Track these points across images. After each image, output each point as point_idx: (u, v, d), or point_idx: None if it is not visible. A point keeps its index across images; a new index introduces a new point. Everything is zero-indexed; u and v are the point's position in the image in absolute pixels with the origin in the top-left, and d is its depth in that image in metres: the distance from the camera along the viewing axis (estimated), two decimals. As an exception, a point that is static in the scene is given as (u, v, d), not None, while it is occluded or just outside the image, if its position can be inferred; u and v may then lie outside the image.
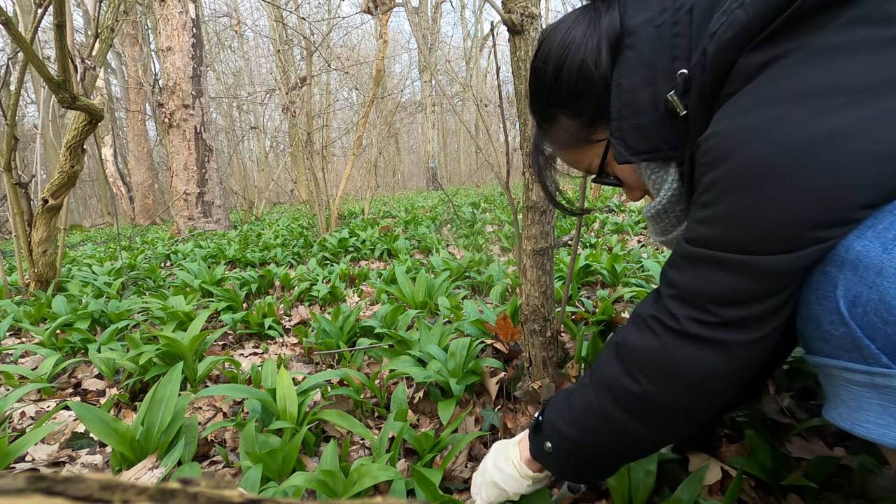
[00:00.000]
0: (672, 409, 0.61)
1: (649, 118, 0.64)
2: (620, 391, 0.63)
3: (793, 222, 0.48)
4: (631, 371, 0.62)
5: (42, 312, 2.36)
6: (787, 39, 0.50)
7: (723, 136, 0.52)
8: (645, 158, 0.67)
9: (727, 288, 0.53)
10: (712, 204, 0.53)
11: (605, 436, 0.66)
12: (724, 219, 0.52)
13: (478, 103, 2.76)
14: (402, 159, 24.49)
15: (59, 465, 1.21)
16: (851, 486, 0.79)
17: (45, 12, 2.26)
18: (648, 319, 0.61)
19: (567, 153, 0.78)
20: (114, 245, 6.29)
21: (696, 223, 0.56)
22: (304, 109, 5.49)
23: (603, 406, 0.64)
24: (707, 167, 0.54)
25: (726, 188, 0.52)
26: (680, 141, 0.64)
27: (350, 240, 4.11)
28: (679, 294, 0.57)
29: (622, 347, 0.64)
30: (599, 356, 0.70)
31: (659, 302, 0.61)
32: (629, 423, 0.63)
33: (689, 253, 0.56)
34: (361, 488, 0.88)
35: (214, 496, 0.18)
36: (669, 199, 0.70)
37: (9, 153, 2.77)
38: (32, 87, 13.85)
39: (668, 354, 0.58)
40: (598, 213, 4.57)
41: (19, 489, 0.17)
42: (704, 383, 0.58)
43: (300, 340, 1.89)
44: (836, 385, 0.53)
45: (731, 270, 0.52)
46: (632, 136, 0.66)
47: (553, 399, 0.75)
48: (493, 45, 2.20)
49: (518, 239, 1.22)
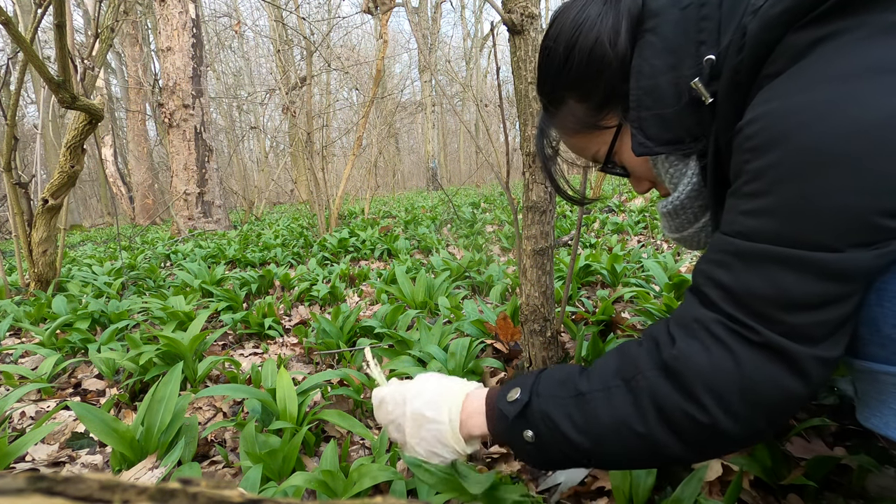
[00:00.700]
0: (735, 436, 0.51)
1: (672, 108, 0.60)
2: (678, 415, 0.51)
3: (868, 211, 0.43)
4: (693, 394, 0.50)
5: (42, 312, 2.36)
6: (844, 17, 0.46)
7: (773, 117, 0.47)
8: (666, 151, 0.63)
9: (799, 290, 0.46)
10: (766, 193, 0.47)
11: (632, 453, 0.56)
12: (785, 209, 0.46)
13: (478, 103, 2.76)
14: (402, 159, 24.49)
15: (59, 465, 1.21)
16: (851, 486, 0.79)
17: (45, 12, 2.26)
18: (713, 325, 0.51)
19: (573, 139, 0.74)
20: (114, 245, 6.29)
21: (746, 216, 0.49)
22: (304, 109, 5.49)
23: (648, 428, 0.53)
24: (754, 153, 0.48)
25: (784, 175, 0.46)
26: (703, 132, 0.60)
27: (350, 240, 4.11)
28: (741, 299, 0.49)
29: (677, 361, 0.52)
30: (631, 356, 0.57)
31: (715, 306, 0.51)
32: (675, 447, 0.53)
33: (744, 250, 0.49)
34: (361, 488, 0.88)
35: (214, 496, 0.18)
36: (688, 194, 0.67)
37: (9, 153, 2.77)
38: (32, 87, 13.86)
39: (748, 375, 0.48)
40: (598, 214, 4.58)
41: (19, 489, 0.17)
42: (782, 408, 0.49)
43: (300, 340, 1.89)
44: (885, 392, 0.49)
45: (803, 269, 0.46)
46: (652, 127, 0.62)
47: (547, 383, 0.62)
48: (493, 45, 2.20)
49: (518, 239, 1.22)
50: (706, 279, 0.53)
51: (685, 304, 0.56)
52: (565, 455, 0.60)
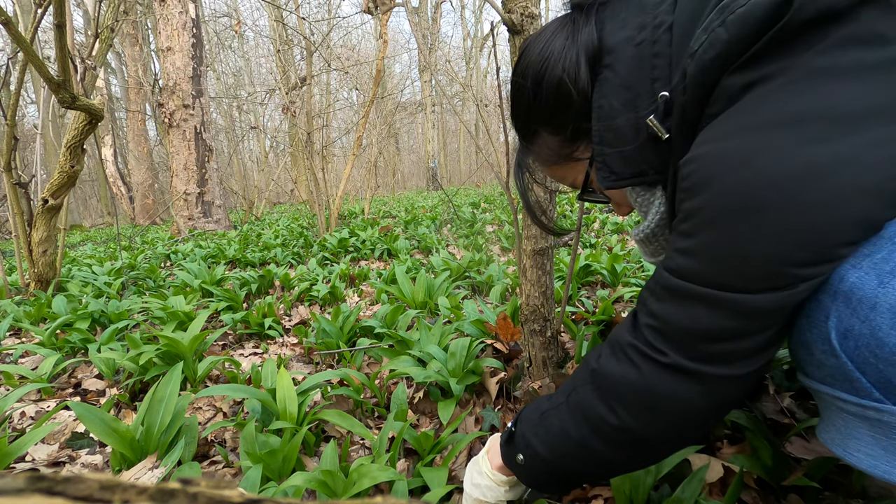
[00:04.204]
0: (650, 440, 0.59)
1: (632, 144, 0.61)
2: (597, 420, 0.60)
3: (777, 260, 0.46)
4: (608, 401, 0.59)
5: (42, 312, 2.36)
6: (771, 60, 0.47)
7: (703, 161, 0.49)
8: (630, 183, 0.65)
9: (712, 325, 0.50)
10: (693, 234, 0.51)
11: (580, 461, 0.64)
12: (705, 252, 0.50)
13: (478, 103, 2.75)
14: (402, 159, 24.48)
15: (59, 465, 1.21)
16: (851, 486, 0.79)
17: (45, 12, 2.26)
18: (627, 348, 0.58)
19: (551, 169, 0.76)
20: (114, 245, 6.29)
21: (677, 253, 0.53)
22: (304, 109, 5.49)
23: (580, 433, 0.62)
24: (687, 193, 0.51)
25: (707, 219, 0.49)
26: (664, 164, 0.62)
27: (350, 240, 4.11)
28: (659, 326, 0.55)
29: (599, 375, 0.61)
30: (576, 375, 0.67)
31: (637, 330, 0.58)
32: (605, 451, 0.61)
33: (670, 285, 0.53)
34: (361, 488, 0.88)
35: (214, 496, 0.18)
36: (657, 222, 0.68)
37: (9, 153, 2.77)
38: (32, 87, 13.85)
39: (649, 387, 0.55)
40: (598, 214, 4.57)
41: (19, 489, 0.17)
42: (686, 417, 0.56)
43: (300, 340, 1.89)
44: (829, 410, 0.51)
45: (716, 307, 0.50)
46: (615, 162, 0.63)
47: (526, 411, 0.72)
48: (493, 45, 2.20)
49: (518, 239, 1.22)
50: (641, 304, 0.59)
51: (621, 324, 0.63)
52: (546, 471, 0.68)
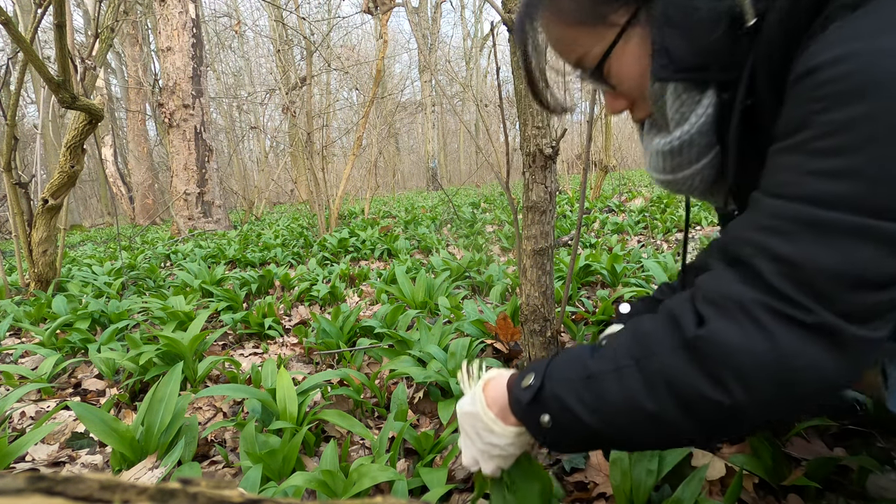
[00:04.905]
0: (756, 419, 0.47)
1: (706, 26, 0.50)
2: (691, 395, 0.47)
3: None
4: (717, 374, 0.46)
5: (42, 312, 2.36)
6: None
7: (866, 60, 0.39)
8: (686, 77, 0.54)
9: (874, 267, 0.40)
10: (848, 151, 0.40)
11: (645, 435, 0.53)
12: (871, 172, 0.39)
13: (478, 103, 2.76)
14: (402, 159, 24.48)
15: (59, 465, 1.21)
16: (852, 487, 0.79)
17: (45, 12, 2.26)
18: (754, 307, 0.44)
19: (566, 30, 0.60)
20: (114, 245, 6.29)
21: (816, 177, 0.42)
22: (304, 109, 5.49)
23: (660, 407, 0.49)
24: (835, 100, 0.40)
25: (877, 130, 0.39)
26: (733, 62, 0.51)
27: (350, 240, 4.11)
28: (800, 276, 0.42)
29: (705, 343, 0.46)
30: (644, 334, 0.53)
31: (762, 282, 0.44)
32: (689, 427, 0.49)
33: (815, 218, 0.42)
34: (361, 488, 0.88)
35: (214, 496, 0.18)
36: (699, 128, 0.57)
37: (9, 153, 2.77)
38: (32, 87, 13.84)
39: (784, 358, 0.43)
40: (598, 214, 4.57)
41: (19, 489, 0.17)
42: (812, 395, 0.45)
43: (300, 340, 1.89)
44: None
45: (884, 244, 0.40)
46: (680, 47, 0.52)
47: (558, 367, 0.59)
48: (493, 45, 2.21)
49: (518, 239, 1.22)
50: (757, 249, 0.45)
51: (717, 279, 0.49)
52: (582, 437, 0.58)
